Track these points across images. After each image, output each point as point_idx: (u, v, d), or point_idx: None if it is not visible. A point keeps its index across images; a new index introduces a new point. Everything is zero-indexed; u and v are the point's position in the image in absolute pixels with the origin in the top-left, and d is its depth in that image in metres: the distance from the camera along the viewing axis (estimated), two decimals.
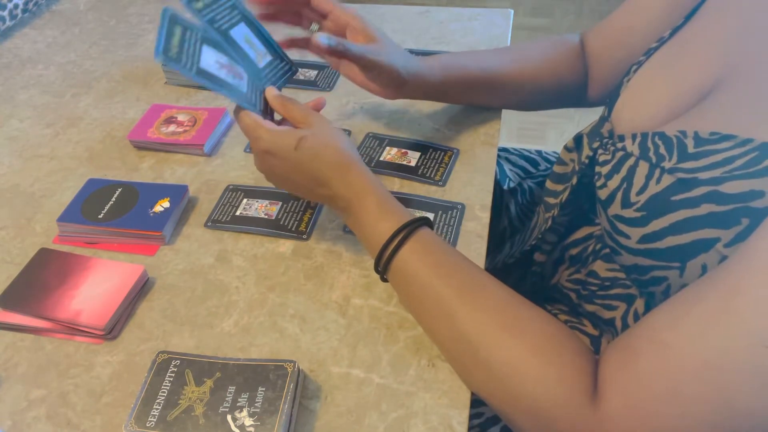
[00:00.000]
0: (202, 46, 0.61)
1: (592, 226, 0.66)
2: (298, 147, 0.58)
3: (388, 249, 0.56)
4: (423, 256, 0.55)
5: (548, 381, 0.48)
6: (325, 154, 0.58)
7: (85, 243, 0.69)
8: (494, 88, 0.78)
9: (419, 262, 0.55)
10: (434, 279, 0.54)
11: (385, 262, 0.56)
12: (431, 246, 0.56)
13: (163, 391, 0.52)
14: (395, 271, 0.56)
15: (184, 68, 0.57)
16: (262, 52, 0.67)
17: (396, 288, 0.58)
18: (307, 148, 0.58)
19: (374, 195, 0.58)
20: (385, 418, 0.52)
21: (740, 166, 0.45)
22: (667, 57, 0.58)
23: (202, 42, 0.61)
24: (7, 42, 1.06)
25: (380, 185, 0.59)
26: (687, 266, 0.49)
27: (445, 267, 0.55)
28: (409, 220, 0.57)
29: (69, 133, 0.85)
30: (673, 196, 0.49)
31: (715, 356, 0.41)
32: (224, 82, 0.61)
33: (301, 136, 0.58)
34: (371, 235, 0.58)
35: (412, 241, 0.56)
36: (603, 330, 0.64)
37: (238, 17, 0.66)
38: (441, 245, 0.57)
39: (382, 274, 0.58)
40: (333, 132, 0.60)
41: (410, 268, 0.55)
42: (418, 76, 0.72)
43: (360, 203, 0.58)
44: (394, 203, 0.59)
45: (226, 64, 0.62)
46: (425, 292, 0.54)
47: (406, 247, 0.56)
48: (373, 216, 0.58)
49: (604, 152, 0.58)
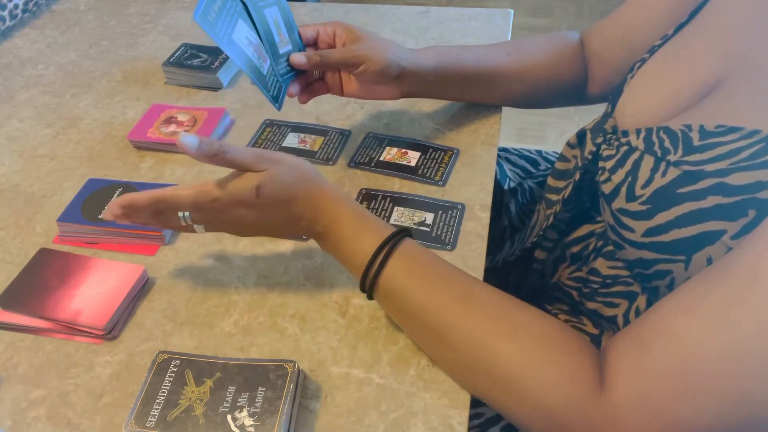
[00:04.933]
0: (239, 19, 0.64)
1: (594, 223, 0.66)
2: (258, 195, 0.55)
3: (372, 268, 0.54)
4: (409, 270, 0.54)
5: (553, 382, 0.48)
6: (292, 193, 0.56)
7: (85, 243, 0.69)
8: (491, 82, 0.78)
9: (406, 277, 0.54)
10: (424, 292, 0.53)
11: (371, 281, 0.55)
12: (416, 258, 0.55)
13: (163, 391, 0.52)
14: (382, 288, 0.55)
15: (216, 35, 0.60)
16: (285, 39, 0.70)
17: (384, 305, 0.57)
18: (268, 193, 0.55)
19: (350, 214, 0.57)
20: (385, 418, 0.52)
21: (747, 158, 0.45)
22: (671, 54, 0.58)
23: (239, 16, 0.64)
24: (7, 42, 1.06)
25: (354, 204, 0.58)
26: (692, 259, 0.49)
27: (433, 278, 0.54)
28: (390, 235, 0.55)
29: (69, 133, 0.85)
30: (679, 188, 0.49)
31: (730, 347, 0.40)
32: (248, 59, 0.63)
33: (257, 185, 0.55)
34: (353, 255, 0.56)
35: (396, 255, 0.54)
36: (604, 328, 0.64)
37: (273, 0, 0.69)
38: (426, 256, 0.56)
39: (369, 293, 0.56)
40: (289, 166, 0.57)
41: (397, 284, 0.54)
42: (412, 65, 0.73)
43: (337, 226, 0.56)
44: (371, 218, 0.57)
45: (255, 44, 0.65)
46: (415, 306, 0.53)
47: (391, 263, 0.54)
48: (351, 235, 0.56)
49: (607, 147, 0.58)
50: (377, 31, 1.02)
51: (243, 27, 0.64)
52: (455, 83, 0.78)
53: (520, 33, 2.55)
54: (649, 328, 0.46)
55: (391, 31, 1.03)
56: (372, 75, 0.70)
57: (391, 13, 1.08)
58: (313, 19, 1.09)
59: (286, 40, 0.70)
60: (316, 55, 0.69)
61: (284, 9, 0.71)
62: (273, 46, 0.68)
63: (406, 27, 1.04)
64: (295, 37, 0.71)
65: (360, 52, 0.69)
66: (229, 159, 0.55)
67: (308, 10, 1.11)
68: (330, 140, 0.81)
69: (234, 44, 0.62)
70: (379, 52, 0.70)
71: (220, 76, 0.91)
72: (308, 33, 0.72)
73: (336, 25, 0.72)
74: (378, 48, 0.70)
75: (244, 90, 0.92)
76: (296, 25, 0.72)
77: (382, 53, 0.70)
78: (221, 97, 0.90)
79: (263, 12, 0.68)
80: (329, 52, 0.70)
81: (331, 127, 0.83)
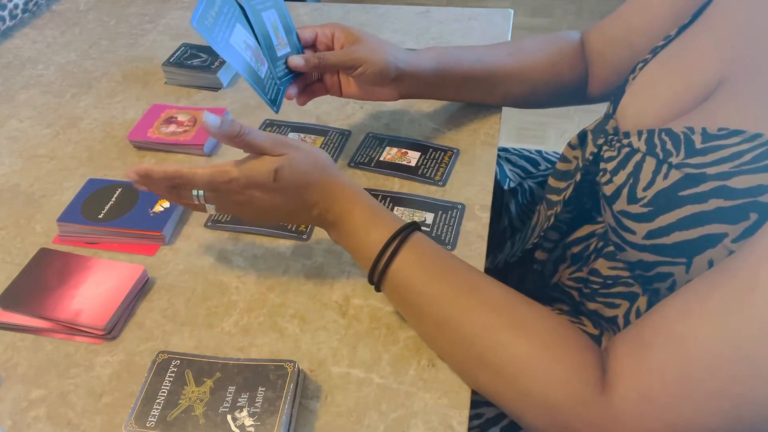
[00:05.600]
0: (236, 23, 0.64)
1: (594, 224, 0.66)
2: (276, 179, 0.56)
3: (382, 259, 0.55)
4: (418, 262, 0.55)
5: (557, 378, 0.48)
6: (307, 180, 0.57)
7: (85, 243, 0.69)
8: (492, 82, 0.78)
9: (414, 269, 0.54)
10: (431, 284, 0.54)
11: (380, 272, 0.55)
12: (425, 251, 0.55)
13: (163, 391, 0.52)
14: (391, 280, 0.55)
15: (213, 40, 0.60)
16: (283, 42, 0.70)
17: (392, 297, 0.57)
18: (286, 177, 0.56)
19: (362, 205, 0.57)
20: (385, 418, 0.52)
21: (749, 161, 0.45)
22: (674, 55, 0.58)
23: (237, 20, 0.64)
24: (7, 42, 1.06)
25: (366, 195, 0.59)
26: (693, 262, 0.49)
27: (441, 272, 0.54)
28: (400, 228, 0.56)
29: (69, 133, 0.85)
30: (681, 191, 0.49)
31: (732, 348, 0.40)
32: (246, 63, 0.63)
33: (276, 168, 0.55)
34: (363, 247, 0.57)
35: (406, 248, 0.55)
36: (604, 328, 0.64)
37: (271, 2, 0.69)
38: (434, 249, 0.56)
39: (377, 284, 0.57)
40: (306, 153, 0.58)
41: (406, 275, 0.55)
42: (411, 66, 0.73)
43: (349, 216, 0.57)
44: (382, 211, 0.58)
45: (252, 47, 0.65)
46: (423, 299, 0.54)
47: (401, 255, 0.55)
48: (362, 226, 0.57)
49: (609, 149, 0.58)
50: (377, 31, 1.02)
51: (240, 31, 0.64)
52: (455, 84, 0.78)
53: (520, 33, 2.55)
54: (650, 329, 0.46)
55: (391, 31, 1.03)
56: (370, 77, 0.70)
57: (390, 13, 1.08)
58: (313, 19, 1.09)
59: (284, 43, 0.70)
60: (314, 57, 0.69)
61: (282, 11, 0.71)
62: (271, 50, 0.68)
63: (406, 27, 1.04)
64: (293, 39, 0.71)
65: (358, 55, 0.69)
66: (249, 141, 0.56)
67: (308, 10, 1.11)
68: (330, 140, 0.81)
69: (231, 49, 0.62)
70: (377, 54, 0.70)
71: (220, 76, 0.91)
72: (306, 35, 0.72)
73: (334, 26, 0.72)
74: (376, 50, 0.70)
75: (244, 90, 0.92)
76: (294, 27, 0.72)
77: (381, 55, 0.70)
78: (221, 97, 0.90)
79: (261, 15, 0.68)
80: (327, 54, 0.70)
81: (331, 127, 0.83)
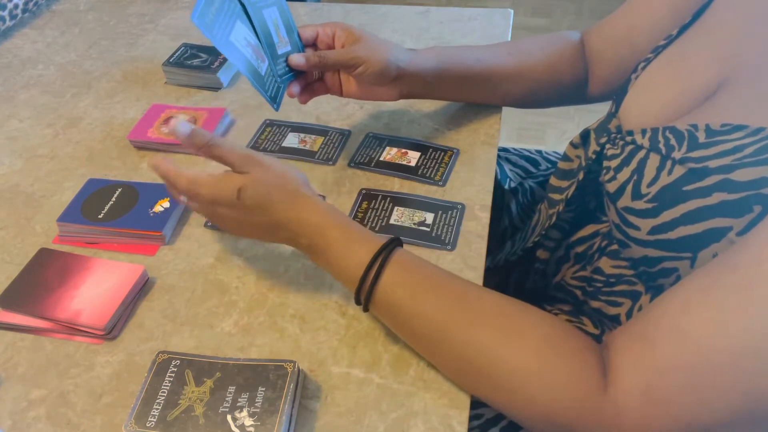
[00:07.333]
0: (237, 20, 0.64)
1: (599, 223, 0.66)
2: (239, 197, 0.55)
3: (366, 281, 0.54)
4: (404, 280, 0.54)
5: (559, 385, 0.47)
6: (271, 200, 0.56)
7: (85, 243, 0.69)
8: (492, 82, 0.78)
9: (402, 288, 0.53)
10: (421, 303, 0.53)
11: (366, 293, 0.54)
12: (410, 268, 0.55)
13: (163, 391, 0.52)
14: (378, 300, 0.54)
15: (213, 36, 0.60)
16: (284, 40, 0.70)
17: (381, 316, 0.56)
18: (249, 197, 0.55)
19: (335, 227, 0.56)
20: (385, 418, 0.52)
21: (751, 154, 0.45)
22: (676, 54, 0.58)
23: (237, 17, 0.64)
24: (7, 42, 1.06)
25: (338, 213, 0.57)
26: (698, 256, 0.49)
27: (429, 287, 0.53)
28: (381, 246, 0.54)
29: (69, 133, 0.85)
30: (685, 186, 0.49)
31: (736, 342, 0.40)
32: (246, 60, 0.63)
33: (239, 186, 0.55)
34: (345, 269, 0.55)
35: (390, 266, 0.54)
36: (605, 327, 0.64)
37: (273, 0, 0.69)
38: (420, 264, 0.55)
39: (364, 306, 0.56)
40: (274, 173, 0.57)
41: (394, 295, 0.53)
42: (411, 65, 0.73)
43: (323, 239, 0.55)
44: (358, 229, 0.57)
45: (253, 44, 0.65)
46: (414, 317, 0.53)
47: (385, 275, 0.54)
48: (340, 249, 0.55)
49: (612, 147, 0.58)
50: (377, 31, 1.02)
51: (241, 28, 0.64)
52: (455, 84, 0.78)
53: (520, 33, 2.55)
54: (651, 324, 0.46)
55: (391, 31, 1.03)
56: (371, 76, 0.70)
57: (390, 13, 1.08)
58: (313, 19, 1.09)
59: (285, 41, 0.70)
60: (315, 56, 0.69)
61: (284, 10, 0.71)
62: (271, 47, 0.68)
63: (406, 27, 1.04)
64: (294, 37, 0.71)
65: (359, 54, 0.69)
66: (216, 154, 0.57)
67: (308, 10, 1.11)
68: (330, 140, 0.81)
69: (231, 45, 0.62)
70: (378, 53, 0.70)
71: (220, 76, 0.91)
72: (308, 34, 0.72)
73: (335, 26, 0.72)
74: (377, 49, 0.70)
75: (244, 90, 0.92)
76: (296, 26, 0.72)
77: (381, 55, 0.70)
78: (221, 97, 0.90)
79: (262, 13, 0.68)
80: (328, 53, 0.70)
81: (331, 127, 0.83)
